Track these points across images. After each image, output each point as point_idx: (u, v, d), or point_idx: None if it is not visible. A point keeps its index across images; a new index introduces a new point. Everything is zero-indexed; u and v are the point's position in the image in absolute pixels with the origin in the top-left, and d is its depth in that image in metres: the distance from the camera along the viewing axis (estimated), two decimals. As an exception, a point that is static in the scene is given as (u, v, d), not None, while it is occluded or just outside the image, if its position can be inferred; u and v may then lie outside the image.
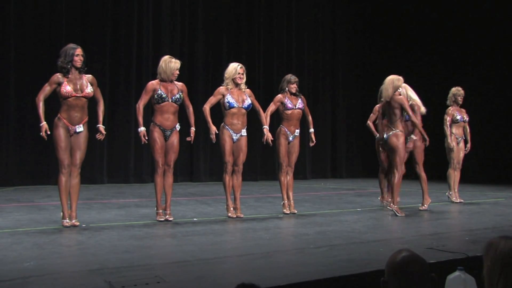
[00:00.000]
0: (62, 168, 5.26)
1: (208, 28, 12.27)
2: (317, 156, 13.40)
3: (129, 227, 5.36)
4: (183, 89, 5.87)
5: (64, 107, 5.25)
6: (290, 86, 6.53)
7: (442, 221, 6.36)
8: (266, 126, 6.34)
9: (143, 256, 3.96)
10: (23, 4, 10.25)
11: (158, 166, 5.76)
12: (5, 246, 4.25)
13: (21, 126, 10.02)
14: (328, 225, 5.67)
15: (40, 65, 10.01)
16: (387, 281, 1.90)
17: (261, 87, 12.38)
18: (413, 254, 1.92)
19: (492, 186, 10.67)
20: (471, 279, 2.66)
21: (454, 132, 7.84)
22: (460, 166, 7.96)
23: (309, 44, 13.85)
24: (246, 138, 6.20)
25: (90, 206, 7.01)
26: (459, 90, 7.97)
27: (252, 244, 4.60)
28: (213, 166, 11.86)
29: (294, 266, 3.68)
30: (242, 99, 6.11)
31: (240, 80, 6.12)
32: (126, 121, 10.93)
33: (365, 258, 3.86)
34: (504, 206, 7.59)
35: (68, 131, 5.25)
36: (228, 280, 3.25)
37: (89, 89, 5.31)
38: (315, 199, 8.44)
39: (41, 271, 3.40)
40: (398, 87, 6.43)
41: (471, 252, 3.94)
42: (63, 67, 5.26)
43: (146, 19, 11.46)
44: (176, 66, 5.79)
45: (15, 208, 6.89)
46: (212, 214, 6.49)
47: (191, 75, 11.73)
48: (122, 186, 10.43)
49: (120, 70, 11.22)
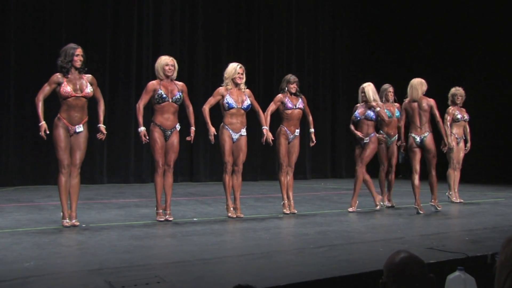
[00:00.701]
0: (62, 168, 5.25)
1: (208, 28, 12.26)
2: (317, 156, 13.40)
3: (129, 227, 5.36)
4: (183, 89, 5.87)
5: (64, 107, 5.25)
6: (289, 86, 6.54)
7: (442, 221, 6.36)
8: (266, 127, 6.34)
9: (143, 256, 3.96)
10: (23, 4, 10.24)
11: (158, 166, 5.76)
12: (5, 246, 4.25)
13: (21, 126, 10.01)
14: (328, 225, 5.67)
15: (40, 65, 10.00)
16: (385, 282, 1.90)
17: (261, 87, 12.38)
18: (411, 255, 1.92)
19: (492, 186, 10.67)
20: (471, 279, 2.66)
21: (454, 132, 7.84)
22: (460, 166, 7.97)
23: (309, 44, 13.84)
24: (246, 138, 6.20)
25: (90, 206, 7.00)
26: (458, 90, 7.98)
27: (252, 244, 4.60)
28: (213, 166, 11.85)
29: (294, 266, 3.68)
30: (241, 100, 6.11)
31: (240, 80, 6.12)
32: (126, 121, 10.92)
33: (365, 258, 3.86)
34: (504, 206, 7.59)
35: (68, 131, 5.25)
36: (228, 280, 3.25)
37: (89, 89, 5.31)
38: (315, 199, 8.44)
39: (41, 271, 3.40)
40: (425, 90, 6.76)
41: (471, 252, 3.94)
42: (63, 66, 5.25)
43: (146, 19, 11.45)
44: (166, 61, 5.78)
45: (15, 208, 6.89)
46: (212, 214, 6.49)
47: (191, 75, 11.72)
48: (122, 186, 10.43)
49: (120, 70, 11.21)
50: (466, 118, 7.93)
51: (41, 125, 5.21)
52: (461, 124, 7.88)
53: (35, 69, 9.98)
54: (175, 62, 5.86)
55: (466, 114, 7.95)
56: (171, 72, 5.79)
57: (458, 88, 8.02)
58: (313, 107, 7.32)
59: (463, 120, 7.88)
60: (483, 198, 8.72)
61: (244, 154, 6.20)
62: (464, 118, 7.90)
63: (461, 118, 7.85)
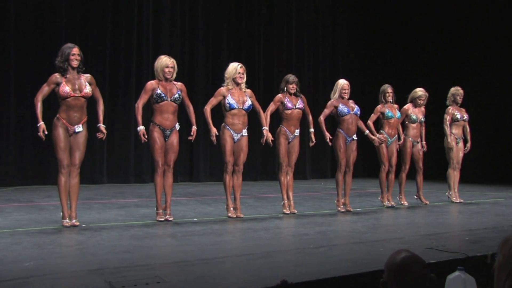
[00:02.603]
0: (62, 168, 5.25)
1: (208, 28, 12.26)
2: (317, 156, 13.40)
3: (129, 227, 5.36)
4: (182, 89, 5.86)
5: (63, 107, 5.25)
6: (289, 86, 6.53)
7: (442, 221, 6.37)
8: (266, 127, 6.34)
9: (143, 256, 3.96)
10: (23, 4, 10.24)
11: (158, 166, 5.75)
12: (5, 246, 4.25)
13: (21, 126, 10.00)
14: (328, 225, 5.67)
15: (40, 65, 10.00)
16: (386, 281, 1.90)
17: (261, 87, 12.37)
18: (412, 254, 1.92)
19: (492, 186, 10.67)
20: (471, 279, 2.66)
21: (454, 132, 7.84)
22: (460, 166, 7.97)
23: (309, 44, 13.83)
24: (247, 138, 6.20)
25: (90, 206, 7.00)
26: (458, 90, 7.98)
27: (252, 244, 4.60)
28: (213, 166, 11.85)
29: (294, 266, 3.68)
30: (242, 100, 6.10)
31: (241, 79, 6.11)
32: (126, 121, 10.91)
33: (365, 258, 3.86)
34: (504, 206, 7.59)
35: (68, 131, 5.25)
36: (228, 280, 3.25)
37: (88, 89, 5.30)
38: (315, 199, 8.44)
39: (41, 271, 3.40)
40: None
41: (471, 252, 3.94)
42: (60, 66, 5.26)
43: (146, 19, 11.44)
44: (165, 63, 5.76)
45: (15, 208, 6.89)
46: (212, 214, 6.49)
47: (191, 75, 11.72)
48: (122, 186, 10.42)
49: (120, 70, 11.20)
50: (466, 118, 7.93)
51: (39, 125, 5.21)
52: (460, 124, 7.88)
53: (35, 69, 9.97)
54: (175, 63, 5.83)
55: (465, 114, 7.95)
56: (170, 75, 5.77)
57: (458, 88, 8.02)
58: (312, 107, 7.28)
59: (462, 120, 7.88)
60: (483, 198, 8.72)
61: (245, 154, 6.20)
62: (464, 118, 7.90)
63: (460, 118, 7.84)
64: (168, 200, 5.81)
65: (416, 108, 7.65)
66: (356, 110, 6.81)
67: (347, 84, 6.86)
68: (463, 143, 7.94)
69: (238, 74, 6.10)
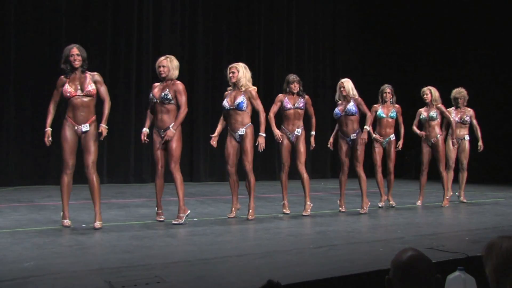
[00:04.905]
0: (66, 169, 5.26)
1: (208, 28, 12.26)
2: (317, 156, 13.39)
3: (129, 227, 5.36)
4: (175, 88, 5.62)
5: (69, 107, 5.28)
6: (290, 86, 6.57)
7: (442, 221, 6.37)
8: (262, 133, 6.13)
9: (143, 256, 3.96)
10: (23, 4, 10.24)
11: (157, 168, 5.78)
12: (5, 246, 4.25)
13: (21, 126, 10.01)
14: (328, 225, 5.67)
15: (40, 65, 10.02)
16: (391, 279, 1.89)
17: (261, 87, 12.35)
18: (419, 253, 1.91)
19: (492, 186, 10.67)
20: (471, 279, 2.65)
21: (458, 132, 7.84)
22: (454, 165, 7.98)
23: (309, 44, 13.84)
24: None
25: (90, 206, 6.97)
26: (459, 92, 7.96)
27: (252, 244, 4.61)
28: (213, 166, 11.86)
29: (294, 266, 3.67)
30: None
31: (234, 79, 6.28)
32: (126, 121, 10.91)
33: (365, 258, 3.86)
34: (504, 206, 7.59)
35: (76, 131, 5.24)
36: (228, 280, 3.25)
37: (91, 87, 5.24)
38: (315, 199, 8.43)
39: (41, 271, 3.40)
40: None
41: (471, 252, 3.94)
42: (63, 68, 5.31)
43: (146, 19, 11.45)
44: (157, 64, 5.71)
45: (15, 208, 6.89)
46: (212, 214, 6.50)
47: (191, 75, 11.72)
48: (122, 186, 10.42)
49: (120, 71, 11.21)
50: (466, 120, 7.91)
51: (45, 131, 5.26)
52: (458, 126, 7.87)
53: (35, 70, 9.98)
54: (168, 61, 5.64)
55: (466, 115, 7.92)
56: (164, 74, 5.64)
57: (460, 90, 7.99)
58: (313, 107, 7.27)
59: (460, 122, 7.89)
60: (483, 198, 8.72)
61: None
62: (464, 120, 7.90)
63: (458, 121, 7.86)
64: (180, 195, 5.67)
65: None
66: (347, 111, 6.70)
67: (342, 82, 6.86)
68: (467, 144, 7.94)
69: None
